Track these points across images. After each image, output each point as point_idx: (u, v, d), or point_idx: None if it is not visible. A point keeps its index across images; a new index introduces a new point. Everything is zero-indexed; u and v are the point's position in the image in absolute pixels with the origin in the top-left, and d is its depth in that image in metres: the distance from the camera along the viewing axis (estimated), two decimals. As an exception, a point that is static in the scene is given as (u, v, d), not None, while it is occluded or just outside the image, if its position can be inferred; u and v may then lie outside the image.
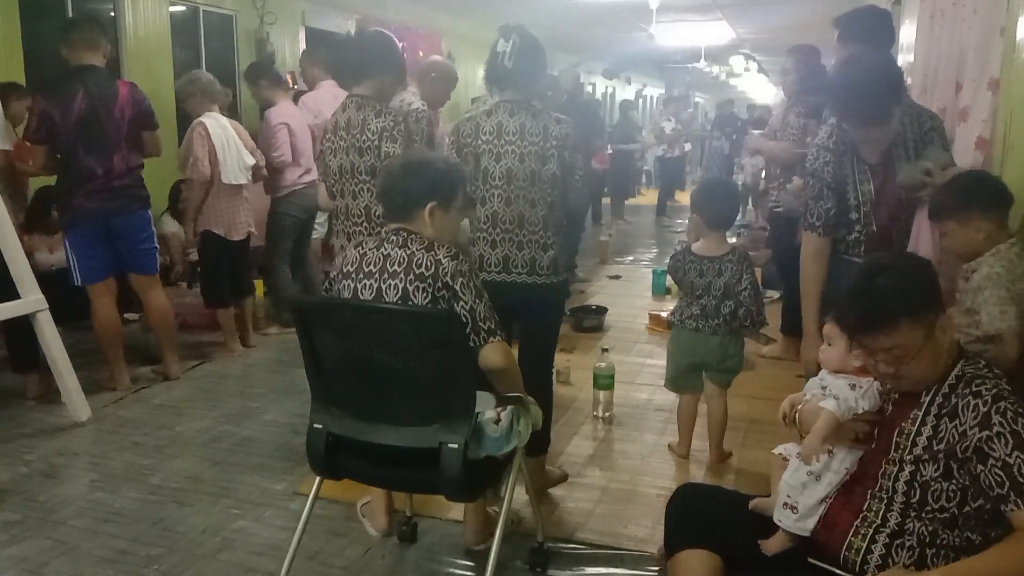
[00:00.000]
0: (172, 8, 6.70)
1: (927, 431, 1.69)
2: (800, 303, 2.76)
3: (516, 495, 2.41)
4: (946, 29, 3.56)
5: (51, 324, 3.65)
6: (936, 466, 1.66)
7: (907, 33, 4.60)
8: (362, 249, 2.20)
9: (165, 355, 4.32)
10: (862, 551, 1.73)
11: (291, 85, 6.01)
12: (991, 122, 3.01)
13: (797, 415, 1.91)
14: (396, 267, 2.11)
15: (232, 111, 6.20)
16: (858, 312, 1.70)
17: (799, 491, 1.84)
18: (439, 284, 2.08)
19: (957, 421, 1.65)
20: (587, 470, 3.25)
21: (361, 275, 2.15)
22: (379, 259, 2.14)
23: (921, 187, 2.45)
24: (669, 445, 3.44)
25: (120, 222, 3.99)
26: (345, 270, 2.20)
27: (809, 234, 2.69)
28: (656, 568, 2.53)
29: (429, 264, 2.09)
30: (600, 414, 3.76)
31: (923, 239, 2.57)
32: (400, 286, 2.09)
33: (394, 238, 2.16)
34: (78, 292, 4.06)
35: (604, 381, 3.75)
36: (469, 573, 2.54)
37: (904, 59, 4.75)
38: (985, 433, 1.60)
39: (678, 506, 2.07)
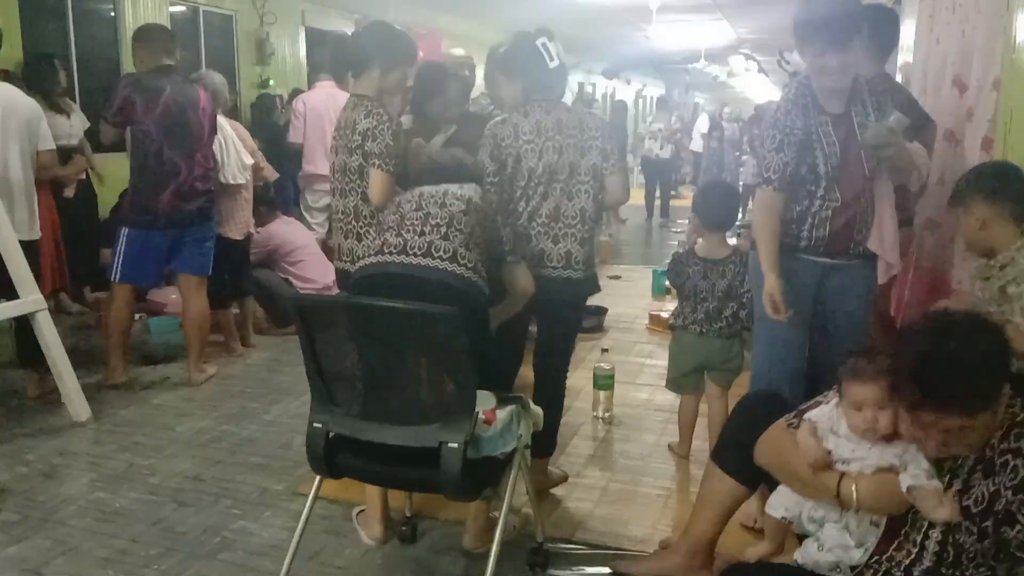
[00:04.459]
0: (172, 8, 6.71)
1: (958, 484, 1.61)
2: None
3: (516, 495, 2.40)
4: (946, 29, 3.56)
5: (50, 324, 3.65)
6: (970, 530, 1.58)
7: (907, 33, 4.60)
8: (414, 192, 2.47)
9: (190, 361, 4.27)
10: None
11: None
12: (996, 122, 3.01)
13: (856, 492, 1.71)
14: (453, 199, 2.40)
15: (232, 111, 6.21)
16: (923, 389, 1.50)
17: (843, 554, 1.77)
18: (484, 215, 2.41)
19: (991, 480, 1.55)
20: (587, 470, 3.24)
21: (417, 205, 2.39)
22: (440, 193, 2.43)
23: (887, 145, 2.43)
24: (669, 445, 3.44)
25: (194, 231, 4.07)
26: (403, 210, 2.43)
27: (764, 188, 2.58)
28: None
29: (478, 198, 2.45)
30: (600, 414, 3.76)
31: (887, 225, 2.56)
32: (464, 194, 2.41)
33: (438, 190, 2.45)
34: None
35: (604, 381, 3.75)
36: (469, 573, 2.54)
37: (903, 59, 4.75)
38: (1019, 497, 1.52)
39: None
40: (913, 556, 1.66)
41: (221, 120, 4.53)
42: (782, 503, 1.92)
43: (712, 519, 2.26)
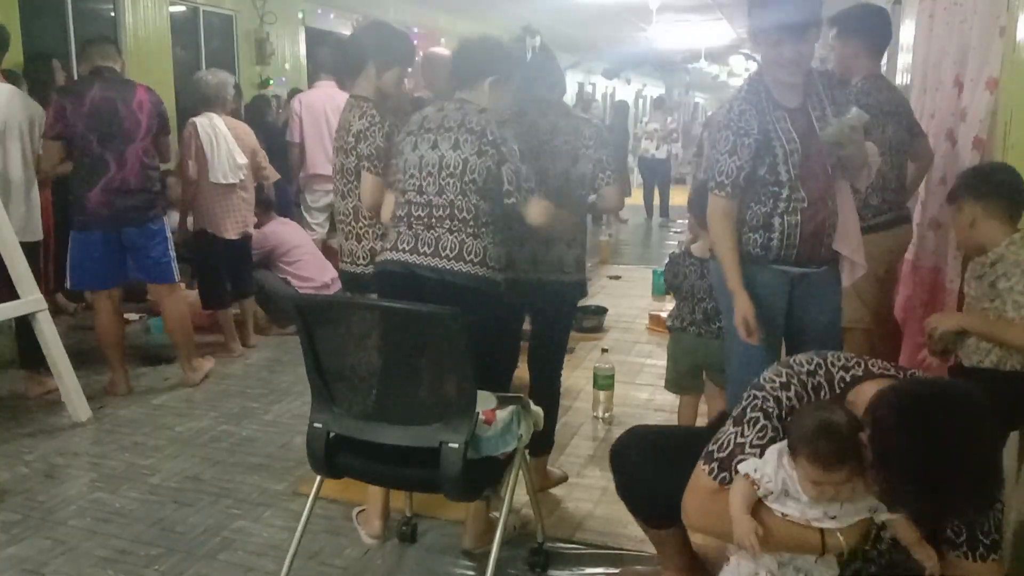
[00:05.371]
0: (172, 8, 6.71)
1: None
2: None
3: (517, 496, 2.41)
4: (945, 28, 3.56)
5: (51, 324, 3.65)
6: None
7: (906, 33, 4.61)
8: (424, 112, 2.50)
9: (182, 363, 4.26)
10: None
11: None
12: (988, 122, 3.02)
13: (844, 542, 1.60)
14: (451, 123, 2.40)
15: (234, 111, 6.21)
16: (915, 512, 1.49)
17: None
18: (485, 141, 2.35)
19: None
20: (587, 470, 3.24)
21: (422, 130, 2.44)
22: (439, 117, 2.43)
23: (848, 143, 2.34)
24: (669, 445, 3.44)
25: (132, 233, 3.91)
26: (409, 129, 2.49)
27: (717, 194, 2.45)
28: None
29: (480, 123, 2.37)
30: (600, 414, 3.76)
31: (851, 226, 2.52)
32: (453, 138, 2.38)
33: (452, 104, 2.45)
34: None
35: (604, 381, 3.75)
36: (469, 573, 2.54)
37: (904, 59, 4.75)
38: None
39: None
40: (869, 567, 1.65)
41: (215, 119, 4.52)
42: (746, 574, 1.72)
43: (676, 558, 2.21)
